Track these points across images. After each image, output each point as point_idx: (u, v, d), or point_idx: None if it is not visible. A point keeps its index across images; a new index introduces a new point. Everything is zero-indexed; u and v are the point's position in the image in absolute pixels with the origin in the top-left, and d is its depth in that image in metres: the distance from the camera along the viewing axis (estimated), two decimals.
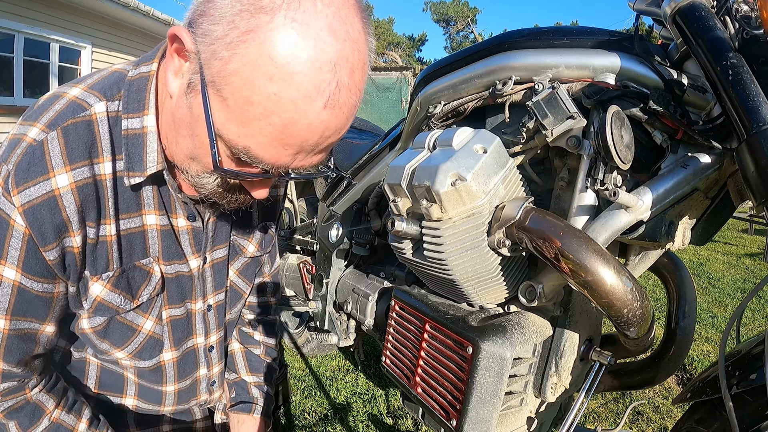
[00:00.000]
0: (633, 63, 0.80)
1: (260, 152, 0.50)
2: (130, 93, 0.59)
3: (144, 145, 0.59)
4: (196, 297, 0.77)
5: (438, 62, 1.11)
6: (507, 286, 0.86)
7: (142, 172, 0.60)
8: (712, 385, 0.77)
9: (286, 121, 0.47)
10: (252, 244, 0.84)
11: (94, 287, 0.63)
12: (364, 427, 1.75)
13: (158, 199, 0.65)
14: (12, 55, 5.75)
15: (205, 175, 0.57)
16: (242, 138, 0.49)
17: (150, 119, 0.59)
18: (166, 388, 0.81)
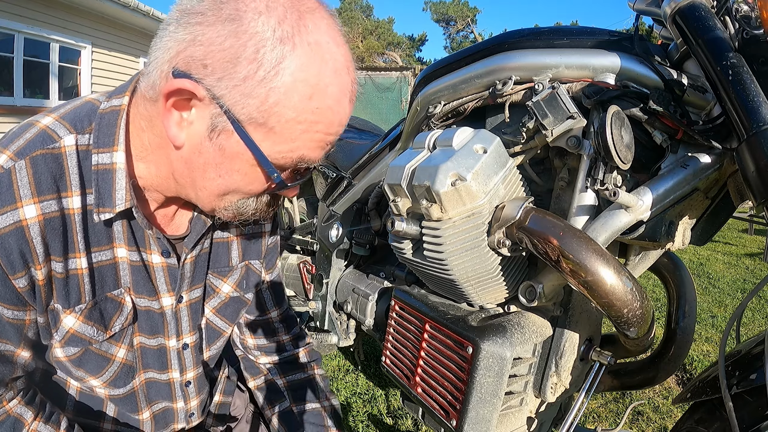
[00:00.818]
0: (633, 63, 0.80)
1: (311, 155, 0.57)
2: (100, 127, 0.59)
3: (113, 182, 0.59)
4: (169, 334, 0.74)
5: (438, 62, 1.11)
6: (507, 286, 0.86)
7: (112, 208, 0.60)
8: (712, 385, 0.77)
9: (327, 124, 0.56)
10: (227, 284, 0.80)
11: (67, 320, 0.62)
12: (364, 427, 1.75)
13: (129, 234, 0.64)
14: (12, 55, 5.75)
15: (248, 201, 0.61)
16: (295, 151, 0.55)
17: (119, 156, 0.59)
18: (142, 416, 0.79)
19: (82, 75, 6.86)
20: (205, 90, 0.50)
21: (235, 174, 0.56)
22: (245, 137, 0.52)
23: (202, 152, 0.55)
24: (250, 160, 0.55)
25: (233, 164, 0.56)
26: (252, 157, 0.54)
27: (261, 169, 0.56)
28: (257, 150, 0.53)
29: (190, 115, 0.53)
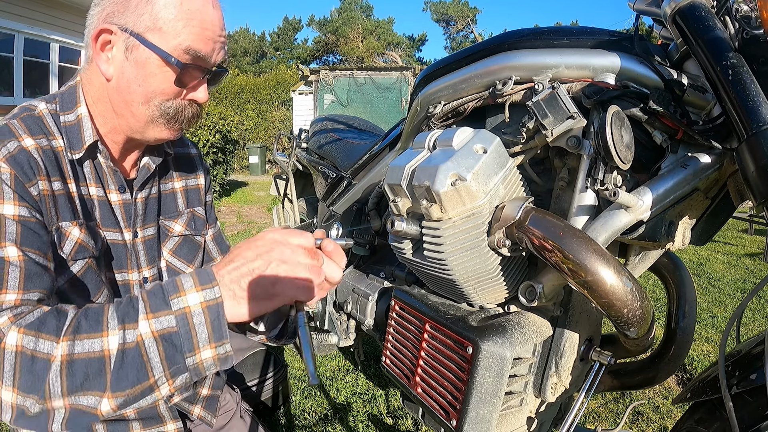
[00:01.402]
0: (633, 63, 0.80)
1: (197, 45, 0.73)
2: (63, 97, 0.78)
3: (81, 127, 0.76)
4: (131, 267, 0.86)
5: (438, 62, 1.11)
6: (507, 286, 0.86)
7: (81, 146, 0.76)
8: (712, 385, 0.77)
9: (201, 20, 0.72)
10: (178, 224, 0.94)
11: (74, 231, 0.73)
12: (364, 427, 1.75)
13: (95, 174, 0.80)
14: (12, 55, 5.75)
15: (168, 102, 0.76)
16: (183, 43, 0.72)
17: (82, 109, 0.77)
18: None
19: None
20: (114, 25, 0.71)
21: (150, 78, 0.73)
22: (146, 42, 0.71)
23: (124, 72, 0.73)
24: (157, 61, 0.72)
25: (147, 69, 0.72)
26: (157, 57, 0.71)
27: (167, 65, 0.72)
28: (157, 48, 0.71)
29: (111, 51, 0.73)
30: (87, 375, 0.56)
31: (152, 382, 0.58)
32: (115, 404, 0.58)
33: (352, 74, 11.14)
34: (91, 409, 0.58)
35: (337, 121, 2.07)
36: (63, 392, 0.56)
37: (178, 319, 0.58)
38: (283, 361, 1.94)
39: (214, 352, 0.60)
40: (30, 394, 0.55)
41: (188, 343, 0.58)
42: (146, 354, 0.57)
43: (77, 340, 0.57)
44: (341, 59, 25.96)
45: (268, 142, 13.50)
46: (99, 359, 0.57)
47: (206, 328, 0.59)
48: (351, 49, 24.62)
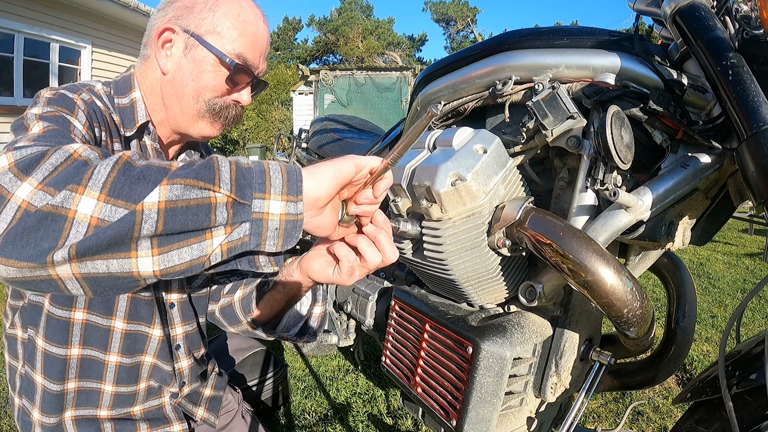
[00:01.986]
0: (633, 63, 0.80)
1: (248, 52, 0.80)
2: (117, 83, 0.84)
3: (134, 108, 0.82)
4: None
5: (438, 62, 1.11)
6: (507, 286, 0.86)
7: (134, 125, 0.81)
8: (712, 385, 0.77)
9: (253, 32, 0.81)
10: None
11: None
12: (364, 427, 1.75)
13: (142, 154, 0.82)
14: (12, 55, 5.75)
15: (215, 100, 0.81)
16: (236, 48, 0.79)
17: (136, 93, 0.83)
18: None
19: (82, 75, 6.85)
20: (177, 26, 0.78)
21: (204, 75, 0.79)
22: (205, 43, 0.77)
23: (181, 68, 0.79)
24: (213, 60, 0.78)
25: (202, 66, 0.79)
26: (213, 57, 0.78)
27: (221, 64, 0.78)
28: (214, 48, 0.78)
29: (171, 49, 0.80)
30: (149, 166, 0.48)
31: (212, 198, 0.48)
32: (167, 197, 0.46)
33: (352, 74, 11.14)
34: (134, 203, 0.46)
35: (337, 121, 2.07)
36: (106, 185, 0.46)
37: (253, 163, 0.53)
38: (283, 361, 1.94)
39: (284, 208, 0.51)
40: (66, 185, 0.46)
41: (260, 183, 0.50)
42: (218, 162, 0.50)
43: (139, 161, 0.50)
44: (341, 59, 25.95)
45: (268, 142, 13.50)
46: (162, 167, 0.49)
47: (281, 176, 0.52)
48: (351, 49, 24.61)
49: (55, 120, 0.66)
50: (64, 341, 0.80)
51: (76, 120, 0.69)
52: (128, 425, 0.88)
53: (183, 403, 0.95)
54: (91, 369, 0.84)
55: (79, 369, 0.83)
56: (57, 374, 0.81)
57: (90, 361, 0.83)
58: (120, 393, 0.87)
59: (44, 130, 0.63)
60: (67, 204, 0.45)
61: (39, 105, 0.69)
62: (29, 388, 0.84)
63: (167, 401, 0.93)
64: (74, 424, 0.84)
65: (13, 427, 1.98)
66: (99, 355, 0.84)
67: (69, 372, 0.82)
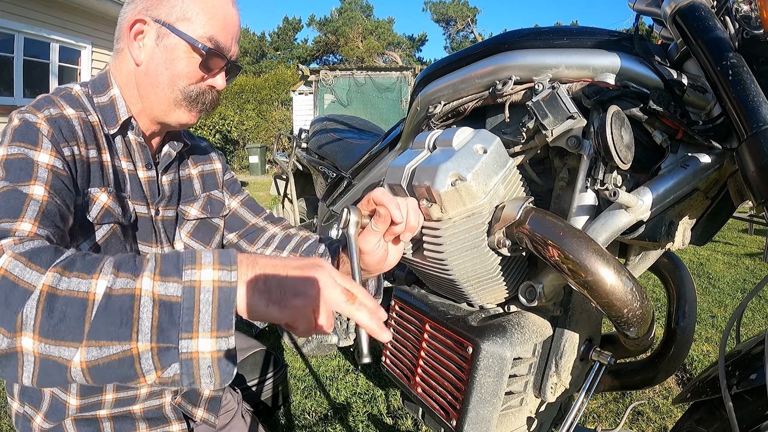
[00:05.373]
0: (633, 63, 0.80)
1: (219, 36, 0.81)
2: (94, 82, 0.84)
3: (115, 105, 0.83)
4: (156, 242, 0.90)
5: (438, 62, 1.11)
6: (507, 286, 0.86)
7: (117, 122, 0.82)
8: (712, 385, 0.77)
9: (223, 16, 0.82)
10: (194, 208, 0.98)
11: (102, 196, 0.77)
12: (364, 427, 1.75)
13: (126, 150, 0.85)
14: (12, 55, 5.75)
15: (190, 87, 0.82)
16: (207, 32, 0.80)
17: (115, 91, 0.84)
18: None
19: (82, 75, 6.85)
20: (147, 17, 0.79)
21: (177, 62, 0.80)
22: (176, 31, 0.78)
23: (153, 57, 0.80)
24: (185, 47, 0.79)
25: (174, 54, 0.80)
26: (185, 44, 0.79)
27: (194, 50, 0.80)
28: (185, 35, 0.78)
29: (144, 40, 0.80)
30: (64, 316, 0.49)
31: (134, 350, 0.49)
32: (86, 358, 0.49)
33: (352, 74, 11.14)
34: (64, 360, 0.49)
35: (337, 121, 2.07)
36: (35, 328, 0.48)
37: (184, 289, 0.51)
38: (283, 361, 1.94)
39: (215, 346, 0.50)
40: (1, 325, 0.48)
41: (187, 321, 0.50)
42: (138, 310, 0.49)
43: (64, 276, 0.51)
44: (341, 59, 25.95)
45: (268, 142, 13.50)
46: (82, 301, 0.49)
47: (211, 309, 0.51)
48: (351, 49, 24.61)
49: (17, 167, 0.66)
50: None
51: (41, 152, 0.69)
52: (127, 424, 0.88)
53: (182, 404, 0.95)
54: None
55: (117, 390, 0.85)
56: (94, 390, 0.84)
57: None
58: (120, 398, 0.87)
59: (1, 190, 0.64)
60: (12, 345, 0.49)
61: (4, 143, 0.70)
62: (35, 396, 0.84)
63: (167, 401, 0.93)
64: (74, 425, 0.84)
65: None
66: None
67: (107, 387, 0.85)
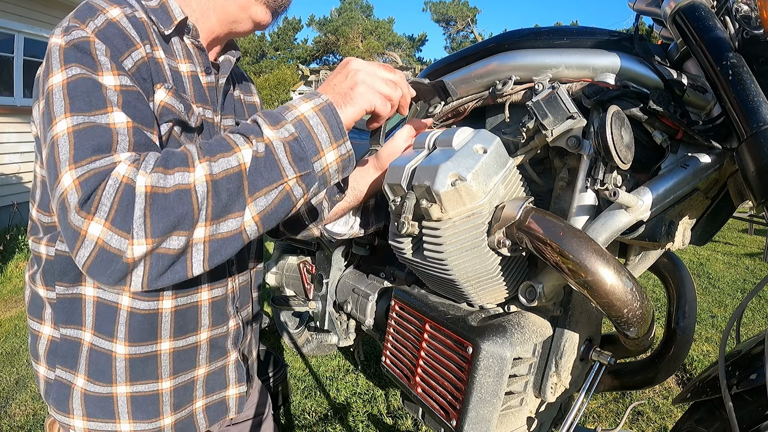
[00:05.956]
0: (633, 63, 0.80)
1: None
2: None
3: (167, 7, 0.75)
4: None
5: (438, 62, 1.11)
6: (507, 286, 0.86)
7: (171, 23, 0.75)
8: (712, 385, 0.77)
9: None
10: None
11: (159, 93, 0.71)
12: (364, 427, 1.75)
13: (185, 51, 0.79)
14: (12, 55, 5.74)
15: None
16: None
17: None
18: None
19: None
20: None
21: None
22: None
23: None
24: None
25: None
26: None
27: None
28: None
29: None
30: (230, 192, 0.57)
31: (286, 185, 0.60)
32: (255, 211, 0.59)
33: None
34: (234, 231, 0.59)
35: None
36: (208, 217, 0.56)
37: (296, 126, 0.61)
38: (283, 361, 1.95)
39: (337, 153, 0.64)
40: (172, 232, 0.54)
41: (311, 146, 0.62)
42: (276, 154, 0.60)
43: (213, 161, 0.57)
44: (341, 59, 25.94)
45: None
46: (237, 174, 0.58)
47: (324, 128, 0.63)
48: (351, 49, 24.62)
49: (84, 93, 0.60)
50: (156, 294, 0.75)
51: (104, 75, 0.62)
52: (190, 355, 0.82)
53: None
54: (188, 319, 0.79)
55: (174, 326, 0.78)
56: (145, 335, 0.75)
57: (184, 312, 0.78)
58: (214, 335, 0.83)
59: (74, 129, 0.58)
60: None
61: (58, 67, 0.62)
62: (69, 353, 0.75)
63: (231, 359, 0.89)
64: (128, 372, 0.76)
65: (13, 427, 1.98)
66: (191, 299, 0.79)
67: (162, 330, 0.76)
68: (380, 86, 0.70)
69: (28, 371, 2.51)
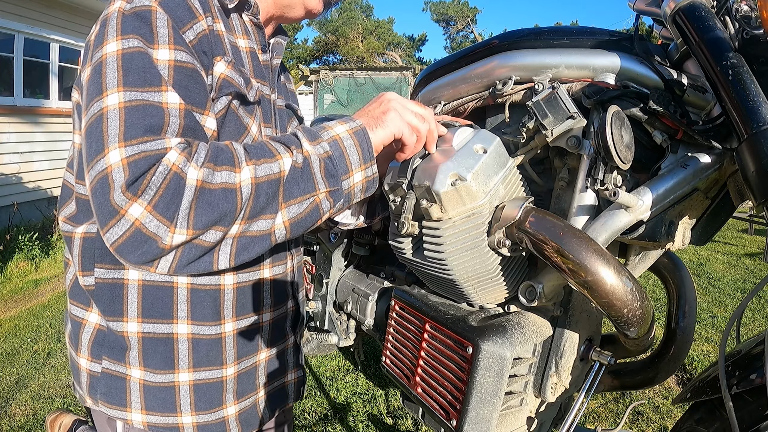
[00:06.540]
0: (633, 63, 0.80)
1: None
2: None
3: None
4: (276, 127, 0.87)
5: (438, 62, 1.11)
6: (507, 286, 0.86)
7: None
8: (712, 385, 0.77)
9: None
10: (298, 111, 1.00)
11: (218, 65, 0.70)
12: (364, 427, 1.75)
13: (244, 28, 0.79)
14: (12, 55, 5.74)
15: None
16: None
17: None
18: None
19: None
20: None
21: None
22: None
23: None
24: None
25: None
26: None
27: None
28: None
29: None
30: (268, 195, 0.60)
31: (316, 197, 0.65)
32: (287, 216, 0.63)
33: (352, 74, 11.14)
34: (265, 231, 0.62)
35: None
36: (245, 216, 0.59)
37: (331, 145, 0.67)
38: None
39: (363, 175, 0.70)
40: (213, 226, 0.57)
41: (342, 165, 0.67)
42: (312, 167, 0.64)
43: (258, 165, 0.60)
44: (341, 59, 25.95)
45: None
46: (276, 180, 0.61)
47: (356, 149, 0.68)
48: (351, 49, 24.61)
49: (139, 67, 0.58)
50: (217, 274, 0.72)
51: (159, 48, 0.60)
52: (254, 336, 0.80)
53: None
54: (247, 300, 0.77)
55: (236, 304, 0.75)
56: (209, 313, 0.72)
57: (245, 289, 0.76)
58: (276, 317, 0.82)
59: (126, 104, 0.56)
60: None
61: (114, 35, 0.59)
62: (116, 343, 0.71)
63: (290, 343, 0.88)
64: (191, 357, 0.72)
65: (13, 427, 1.98)
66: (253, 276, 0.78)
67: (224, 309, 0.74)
68: (410, 117, 0.74)
69: (28, 371, 2.51)
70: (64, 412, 1.57)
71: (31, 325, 3.17)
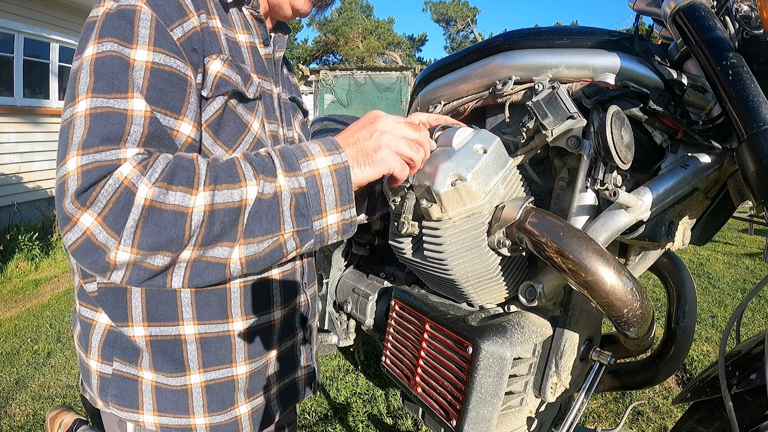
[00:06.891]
0: (633, 63, 0.80)
1: None
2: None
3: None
4: (282, 122, 0.85)
5: (438, 62, 1.11)
6: (507, 286, 0.86)
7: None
8: (712, 385, 0.77)
9: None
10: (302, 104, 0.97)
11: (214, 64, 0.68)
12: (364, 427, 1.75)
13: (244, 22, 0.78)
14: (12, 55, 5.74)
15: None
16: None
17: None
18: None
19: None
20: None
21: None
22: None
23: None
24: None
25: None
26: None
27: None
28: None
29: None
30: (224, 225, 0.57)
31: (281, 237, 0.60)
32: (244, 254, 0.59)
33: (352, 74, 11.14)
34: (221, 260, 0.58)
35: (337, 121, 2.07)
36: (197, 243, 0.56)
37: (307, 180, 0.61)
38: None
39: (340, 217, 0.64)
40: (159, 250, 0.54)
41: (316, 205, 0.62)
42: (281, 204, 0.59)
43: (216, 191, 0.57)
44: (341, 59, 25.95)
45: None
46: (236, 209, 0.57)
47: (334, 190, 0.63)
48: (351, 49, 24.61)
49: (109, 72, 0.57)
50: None
51: (137, 49, 0.59)
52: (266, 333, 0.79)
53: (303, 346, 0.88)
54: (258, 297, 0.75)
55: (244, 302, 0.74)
56: (215, 312, 0.71)
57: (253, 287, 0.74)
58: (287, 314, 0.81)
59: (91, 111, 0.56)
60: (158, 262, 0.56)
61: (93, 38, 0.59)
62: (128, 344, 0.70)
63: (299, 338, 0.86)
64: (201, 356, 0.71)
65: (13, 427, 1.98)
66: (262, 273, 0.75)
67: (232, 307, 0.72)
68: (403, 149, 0.68)
69: (28, 371, 2.51)
70: (65, 409, 1.57)
71: (31, 325, 3.17)
